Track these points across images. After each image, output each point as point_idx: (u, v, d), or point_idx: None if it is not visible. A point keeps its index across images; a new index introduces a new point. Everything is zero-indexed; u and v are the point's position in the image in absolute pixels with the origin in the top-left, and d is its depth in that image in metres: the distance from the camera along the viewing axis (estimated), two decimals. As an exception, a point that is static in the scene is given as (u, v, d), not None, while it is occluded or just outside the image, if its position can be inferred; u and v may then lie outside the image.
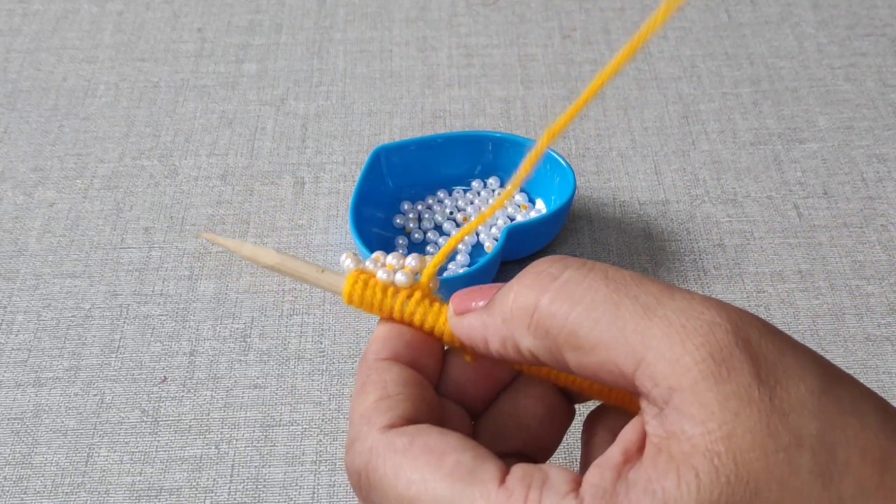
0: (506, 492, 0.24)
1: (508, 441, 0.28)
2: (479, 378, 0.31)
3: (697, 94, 0.58)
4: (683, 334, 0.24)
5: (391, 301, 0.30)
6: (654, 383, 0.24)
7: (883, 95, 0.58)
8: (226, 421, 0.43)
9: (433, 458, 0.26)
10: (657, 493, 0.23)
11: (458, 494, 0.25)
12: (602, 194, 0.53)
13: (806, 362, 0.24)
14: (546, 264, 0.27)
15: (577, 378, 0.30)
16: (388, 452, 0.26)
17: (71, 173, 0.55)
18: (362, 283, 0.30)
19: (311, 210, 0.52)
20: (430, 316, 0.30)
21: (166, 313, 0.47)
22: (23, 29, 0.65)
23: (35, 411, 0.44)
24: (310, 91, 0.60)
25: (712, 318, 0.25)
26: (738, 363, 0.24)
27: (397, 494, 0.26)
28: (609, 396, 0.30)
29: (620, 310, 0.25)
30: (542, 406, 0.31)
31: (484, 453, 0.26)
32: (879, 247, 0.50)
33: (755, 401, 0.23)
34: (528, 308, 0.27)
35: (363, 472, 0.27)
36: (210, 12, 0.66)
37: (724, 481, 0.23)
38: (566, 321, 0.26)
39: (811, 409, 0.23)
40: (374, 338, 0.30)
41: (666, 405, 0.24)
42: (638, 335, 0.25)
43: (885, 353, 0.45)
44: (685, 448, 0.23)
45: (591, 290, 0.26)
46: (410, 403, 0.28)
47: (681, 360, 0.24)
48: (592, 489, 0.24)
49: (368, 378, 0.29)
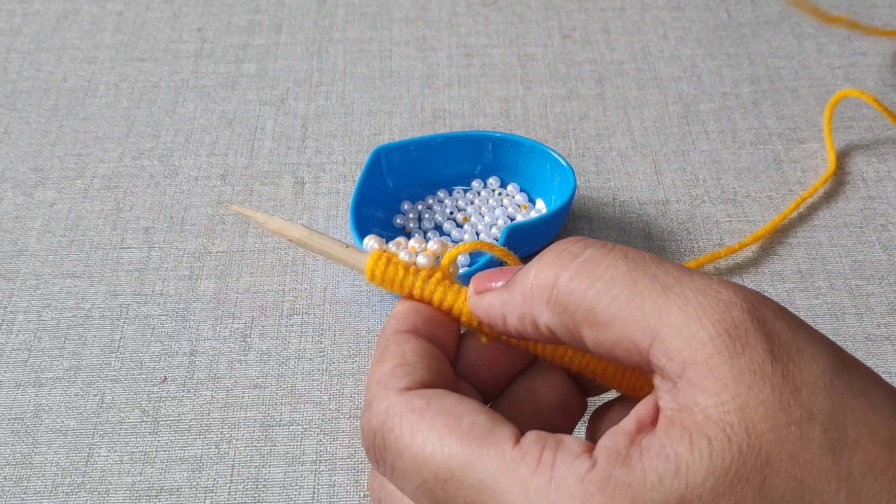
0: (520, 451, 0.25)
1: (521, 427, 0.28)
2: (495, 361, 0.31)
3: (697, 94, 0.58)
4: (700, 311, 0.25)
5: (412, 279, 0.31)
6: (668, 358, 0.25)
7: (882, 95, 0.58)
8: (226, 421, 0.43)
9: (450, 418, 0.26)
10: (670, 457, 0.23)
11: (474, 453, 0.25)
12: (602, 194, 0.53)
13: (819, 345, 0.25)
14: (568, 244, 0.28)
15: (591, 360, 0.30)
16: (405, 412, 0.27)
17: (71, 173, 0.55)
18: (385, 261, 0.31)
19: (311, 210, 0.52)
20: (449, 296, 0.31)
21: (166, 313, 0.47)
22: (23, 29, 0.65)
23: (35, 411, 0.44)
24: (310, 91, 0.60)
25: (729, 297, 0.25)
26: (752, 340, 0.24)
27: (412, 454, 0.26)
28: (621, 382, 0.30)
29: (638, 287, 0.26)
30: (555, 394, 0.31)
31: (499, 417, 0.26)
32: (879, 246, 0.50)
33: (768, 376, 0.24)
34: (548, 285, 0.27)
35: (378, 433, 0.27)
36: (210, 12, 0.66)
37: (736, 450, 0.23)
38: (584, 297, 0.26)
39: (823, 388, 0.24)
40: (394, 313, 0.31)
41: (679, 379, 0.25)
42: (655, 311, 0.25)
43: (885, 353, 0.45)
44: (698, 419, 0.24)
45: (610, 268, 0.26)
46: (427, 371, 0.28)
47: (696, 335, 0.24)
48: (606, 451, 0.24)
49: (387, 348, 0.29)
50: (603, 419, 0.30)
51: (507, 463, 0.25)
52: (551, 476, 0.24)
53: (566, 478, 0.24)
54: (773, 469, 0.23)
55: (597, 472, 0.24)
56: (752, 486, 0.23)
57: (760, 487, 0.23)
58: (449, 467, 0.25)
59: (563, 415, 0.31)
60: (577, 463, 0.24)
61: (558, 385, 0.31)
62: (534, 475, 0.24)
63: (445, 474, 0.25)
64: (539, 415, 0.31)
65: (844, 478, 0.23)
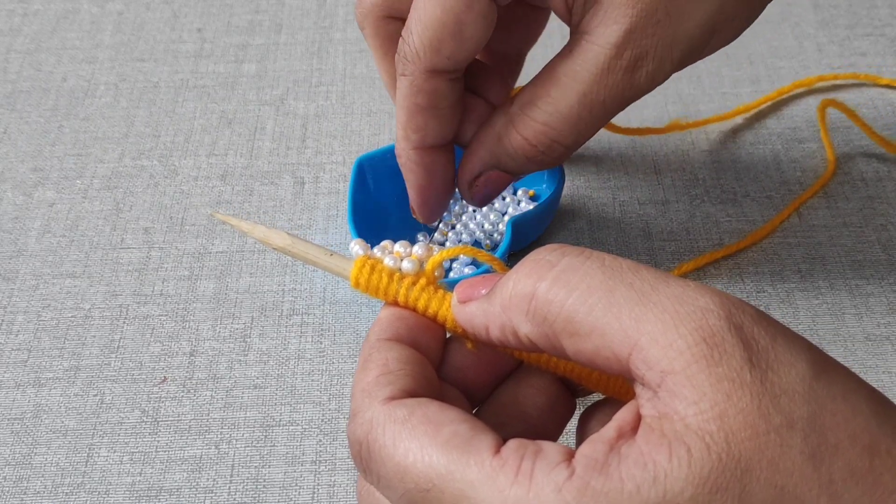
0: (499, 460, 0.25)
1: (508, 430, 0.28)
2: (481, 365, 0.31)
3: (697, 94, 0.58)
4: (677, 319, 0.25)
5: (396, 286, 0.31)
6: (647, 367, 0.25)
7: (882, 95, 0.58)
8: (226, 421, 0.43)
9: (431, 427, 0.26)
10: (648, 465, 0.23)
11: (454, 462, 0.25)
12: (602, 194, 0.53)
13: (797, 349, 0.25)
14: (545, 252, 0.28)
15: (575, 366, 0.30)
16: (388, 422, 0.27)
17: (71, 173, 0.55)
18: (369, 268, 0.31)
19: (310, 210, 0.52)
20: (433, 302, 0.31)
21: (166, 313, 0.47)
22: (23, 29, 0.65)
23: (35, 411, 0.44)
24: (309, 91, 0.60)
25: (706, 304, 0.25)
26: (730, 347, 0.24)
27: (395, 464, 0.26)
28: (606, 386, 0.30)
29: (615, 296, 0.26)
30: (543, 396, 0.31)
31: (481, 426, 0.26)
32: (879, 246, 0.50)
33: (747, 383, 0.24)
34: (527, 295, 0.27)
35: (364, 443, 0.27)
36: (210, 12, 0.66)
37: (716, 458, 0.23)
38: (563, 308, 0.26)
39: (802, 394, 0.24)
40: (378, 320, 0.31)
41: (659, 388, 0.24)
42: (632, 320, 0.25)
43: (885, 353, 0.45)
44: (677, 427, 0.24)
45: (587, 276, 0.26)
46: (411, 379, 0.28)
47: (674, 343, 0.24)
48: (584, 460, 0.24)
49: (370, 356, 0.29)
50: (592, 420, 0.30)
51: (487, 472, 0.25)
52: (529, 486, 0.24)
53: (543, 487, 0.24)
54: (753, 477, 0.23)
55: (574, 482, 0.24)
56: (731, 495, 0.23)
57: (740, 496, 0.23)
58: (429, 477, 0.25)
59: (552, 416, 0.31)
60: (556, 472, 0.24)
61: (546, 387, 0.31)
62: (512, 485, 0.24)
63: (426, 484, 0.25)
64: (527, 417, 0.31)
65: (826, 484, 0.23)
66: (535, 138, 0.38)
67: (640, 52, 0.36)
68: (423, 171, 0.41)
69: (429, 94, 0.38)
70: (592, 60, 0.36)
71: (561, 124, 0.38)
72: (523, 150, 0.39)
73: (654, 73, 0.37)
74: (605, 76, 0.36)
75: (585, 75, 0.37)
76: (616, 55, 0.36)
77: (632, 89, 0.37)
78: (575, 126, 0.38)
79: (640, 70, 0.36)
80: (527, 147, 0.39)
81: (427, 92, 0.38)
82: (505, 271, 0.30)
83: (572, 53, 0.37)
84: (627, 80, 0.36)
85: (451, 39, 0.36)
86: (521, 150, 0.39)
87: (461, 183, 0.42)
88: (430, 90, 0.38)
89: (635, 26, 0.35)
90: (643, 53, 0.36)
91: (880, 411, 0.24)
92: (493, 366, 0.31)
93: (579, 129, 0.38)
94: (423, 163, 0.41)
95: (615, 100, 0.37)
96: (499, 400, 0.31)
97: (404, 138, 0.40)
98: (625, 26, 0.35)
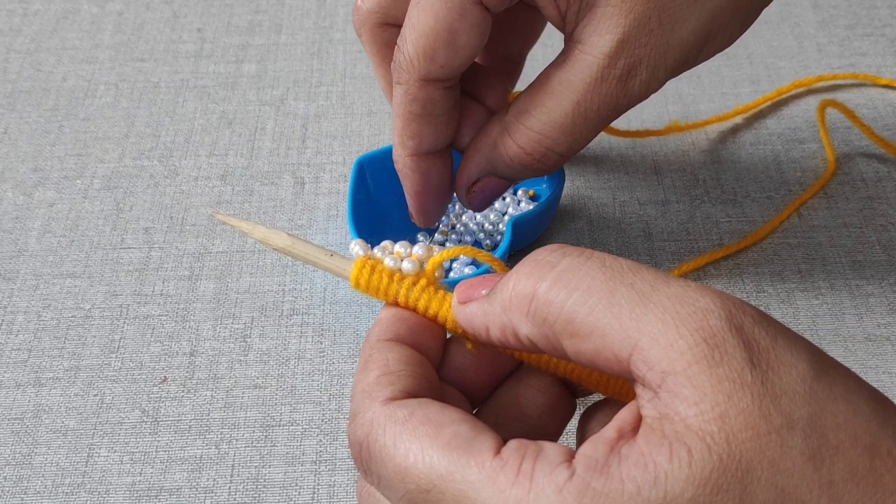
0: (500, 461, 0.25)
1: (508, 430, 0.28)
2: (481, 365, 0.31)
3: (697, 94, 0.58)
4: (678, 320, 0.25)
5: (396, 287, 0.31)
6: (648, 367, 0.25)
7: (882, 95, 0.58)
8: (226, 421, 0.43)
9: (431, 428, 0.26)
10: (648, 466, 0.23)
11: (454, 463, 0.25)
12: (602, 194, 0.53)
13: (798, 350, 0.25)
14: (545, 253, 0.28)
15: (575, 367, 0.30)
16: (388, 423, 0.27)
17: (71, 174, 0.55)
18: (369, 269, 0.31)
19: (310, 210, 0.52)
20: (433, 303, 0.31)
21: (166, 313, 0.47)
22: (23, 29, 0.65)
23: (35, 411, 0.44)
24: (310, 91, 0.60)
25: (706, 304, 0.25)
26: (730, 348, 0.24)
27: (395, 465, 0.26)
28: (607, 387, 0.30)
29: (616, 296, 0.26)
30: (543, 397, 0.31)
31: (481, 426, 0.26)
32: (879, 247, 0.50)
33: (748, 384, 0.24)
34: (527, 296, 0.27)
35: (364, 444, 0.27)
36: (210, 12, 0.66)
37: (717, 459, 0.23)
38: (563, 308, 0.26)
39: (803, 395, 0.24)
40: (378, 320, 0.31)
41: (660, 389, 0.25)
42: (633, 321, 0.25)
43: (885, 353, 0.45)
44: (678, 428, 0.24)
45: (587, 277, 0.26)
46: (412, 380, 0.28)
47: (674, 344, 0.24)
48: (585, 460, 0.24)
49: (371, 357, 0.29)
50: (592, 420, 0.30)
51: (487, 473, 0.25)
52: (530, 486, 0.24)
53: (544, 488, 0.24)
54: (754, 478, 0.23)
55: (574, 482, 0.24)
56: (732, 496, 0.23)
57: (741, 496, 0.23)
58: (430, 478, 0.25)
59: (552, 417, 0.31)
60: (556, 472, 0.24)
61: (546, 387, 0.31)
62: (513, 486, 0.24)
63: (427, 485, 0.25)
64: (527, 418, 0.31)
65: (826, 485, 0.23)
66: (529, 146, 0.38)
67: (633, 60, 0.36)
68: (420, 176, 0.41)
69: (423, 103, 0.38)
70: (586, 70, 0.37)
71: (555, 133, 0.38)
72: (518, 158, 0.39)
73: (648, 81, 0.37)
74: (598, 85, 0.37)
75: (579, 84, 0.37)
76: (609, 65, 0.36)
77: (626, 98, 0.37)
78: (570, 134, 0.38)
79: (633, 79, 0.36)
80: (522, 155, 0.39)
81: (422, 100, 0.38)
82: (505, 271, 0.30)
83: (566, 62, 0.37)
84: (621, 88, 0.37)
85: (445, 48, 0.36)
86: (516, 158, 0.39)
87: (458, 188, 0.42)
88: (424, 98, 0.38)
89: (628, 35, 0.36)
90: (637, 62, 0.36)
91: (881, 412, 0.24)
92: (494, 366, 0.31)
93: (574, 137, 0.38)
94: (420, 169, 0.41)
95: (609, 108, 0.37)
96: (499, 400, 0.31)
97: (401, 145, 0.40)
98: (618, 36, 0.36)
